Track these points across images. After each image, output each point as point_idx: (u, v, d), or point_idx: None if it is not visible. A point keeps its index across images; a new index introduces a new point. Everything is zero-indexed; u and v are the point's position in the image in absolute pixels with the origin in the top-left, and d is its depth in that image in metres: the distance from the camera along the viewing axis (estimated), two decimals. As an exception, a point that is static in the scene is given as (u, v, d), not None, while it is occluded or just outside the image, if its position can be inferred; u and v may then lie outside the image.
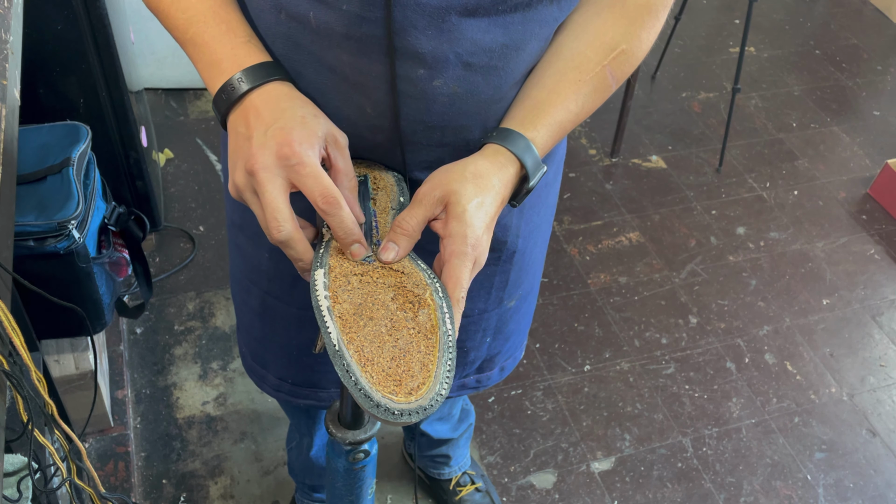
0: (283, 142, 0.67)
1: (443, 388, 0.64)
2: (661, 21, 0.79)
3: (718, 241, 2.35)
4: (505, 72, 0.75)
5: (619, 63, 0.77)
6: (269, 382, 1.10)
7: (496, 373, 1.16)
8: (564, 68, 0.76)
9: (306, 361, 1.05)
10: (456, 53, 0.72)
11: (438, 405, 0.63)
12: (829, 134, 2.77)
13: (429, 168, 0.82)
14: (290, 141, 0.67)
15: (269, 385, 1.11)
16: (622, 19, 0.77)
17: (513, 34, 0.72)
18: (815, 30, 3.25)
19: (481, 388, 1.17)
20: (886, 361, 2.09)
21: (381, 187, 0.80)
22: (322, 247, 0.72)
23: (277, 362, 1.08)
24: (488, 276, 1.00)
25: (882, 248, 2.38)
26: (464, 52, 0.72)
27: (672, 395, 1.96)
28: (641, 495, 1.77)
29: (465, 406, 1.56)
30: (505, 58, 0.74)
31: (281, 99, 0.71)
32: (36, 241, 1.30)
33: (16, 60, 0.91)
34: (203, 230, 2.18)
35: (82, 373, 1.52)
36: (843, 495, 1.80)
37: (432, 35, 0.70)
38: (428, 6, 0.68)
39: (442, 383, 0.64)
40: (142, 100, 2.10)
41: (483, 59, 0.73)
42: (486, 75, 0.75)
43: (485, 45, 0.72)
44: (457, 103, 0.76)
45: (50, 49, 1.60)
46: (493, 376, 1.16)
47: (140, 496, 1.66)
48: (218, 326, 1.97)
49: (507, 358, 1.16)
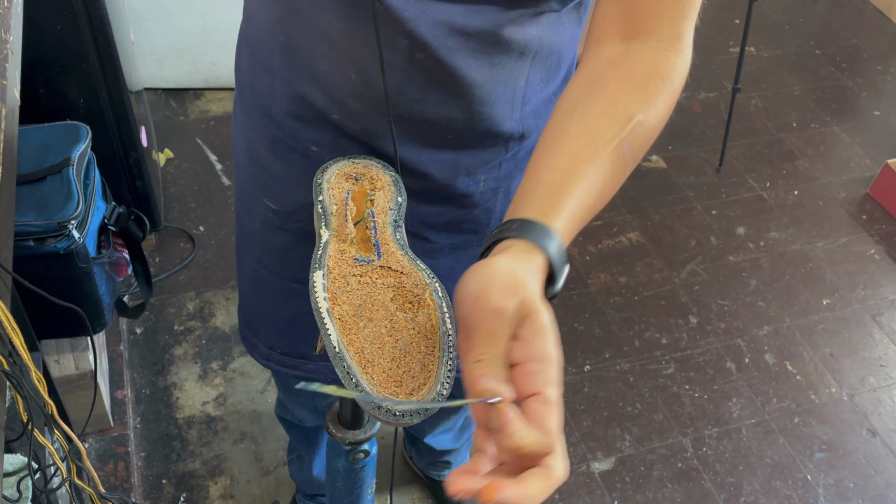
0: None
1: (444, 389, 0.63)
2: (674, 88, 0.71)
3: (718, 241, 2.35)
4: (485, 57, 0.76)
5: (636, 136, 0.68)
6: (260, 351, 1.11)
7: None
8: (576, 146, 0.67)
9: (294, 333, 1.05)
10: (434, 34, 0.73)
11: (439, 406, 0.63)
12: (830, 134, 2.77)
13: (415, 143, 0.83)
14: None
15: (260, 354, 1.11)
16: (633, 88, 0.70)
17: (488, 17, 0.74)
18: (816, 30, 3.25)
19: None
20: (886, 361, 2.09)
21: (378, 187, 0.80)
22: (320, 248, 0.72)
23: (268, 331, 1.08)
24: None
25: (882, 248, 2.38)
26: (443, 33, 0.73)
27: (672, 395, 1.96)
28: (641, 495, 1.77)
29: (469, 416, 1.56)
30: (484, 42, 0.75)
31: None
32: (36, 241, 1.30)
33: (16, 60, 0.91)
34: (203, 230, 2.18)
35: (82, 373, 1.52)
36: (844, 495, 1.80)
37: (415, 8, 0.72)
38: None
39: (443, 383, 0.64)
40: (142, 100, 2.10)
41: (460, 41, 0.74)
42: (466, 58, 0.76)
43: (461, 27, 0.74)
44: (437, 79, 0.77)
45: (50, 49, 1.60)
46: None
47: (140, 496, 1.66)
48: (218, 326, 1.97)
49: None
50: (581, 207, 0.64)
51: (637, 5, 0.73)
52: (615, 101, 0.69)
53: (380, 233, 0.75)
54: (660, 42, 0.72)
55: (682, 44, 0.73)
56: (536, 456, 0.51)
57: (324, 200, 0.78)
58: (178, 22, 2.38)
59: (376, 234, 0.75)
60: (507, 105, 0.84)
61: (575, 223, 0.64)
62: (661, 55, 0.72)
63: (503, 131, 0.86)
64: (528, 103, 0.86)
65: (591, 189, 0.65)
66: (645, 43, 0.72)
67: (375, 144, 0.85)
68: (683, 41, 0.73)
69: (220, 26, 2.38)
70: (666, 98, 0.71)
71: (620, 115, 0.68)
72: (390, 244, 0.74)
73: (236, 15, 1.00)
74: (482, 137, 0.85)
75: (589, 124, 0.68)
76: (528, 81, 0.83)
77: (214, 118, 2.50)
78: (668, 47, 0.72)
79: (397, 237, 0.75)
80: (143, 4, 2.32)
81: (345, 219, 0.75)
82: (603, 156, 0.66)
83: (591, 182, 0.65)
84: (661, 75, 0.71)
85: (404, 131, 0.83)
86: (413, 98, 0.79)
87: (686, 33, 0.73)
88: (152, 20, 2.36)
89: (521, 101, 0.85)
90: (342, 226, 0.75)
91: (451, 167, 0.87)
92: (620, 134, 0.67)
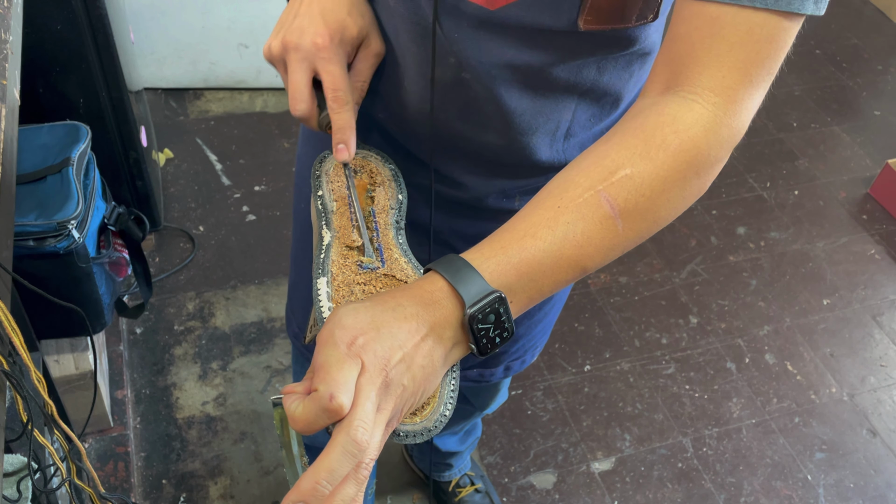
0: (320, 33, 0.75)
1: (447, 409, 0.62)
2: (692, 143, 0.62)
3: (719, 240, 2.35)
4: (529, 89, 0.76)
5: (620, 189, 0.61)
6: (291, 329, 1.16)
7: (500, 370, 1.16)
8: (545, 196, 0.63)
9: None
10: (480, 60, 0.74)
11: (442, 426, 0.61)
12: (830, 134, 2.77)
13: (453, 158, 0.85)
14: (325, 34, 0.75)
15: (290, 332, 1.17)
16: (633, 140, 0.63)
17: (540, 56, 0.73)
18: (816, 30, 3.25)
19: (483, 383, 1.16)
20: (887, 361, 2.09)
21: (378, 182, 0.79)
22: (322, 251, 0.70)
23: (300, 313, 1.12)
24: None
25: (882, 248, 2.38)
26: (489, 61, 0.74)
27: (672, 395, 1.96)
28: (641, 495, 1.77)
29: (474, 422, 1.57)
30: (531, 76, 0.75)
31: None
32: (36, 241, 1.30)
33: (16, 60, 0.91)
34: (203, 230, 2.18)
35: (82, 373, 1.52)
36: (844, 495, 1.80)
37: (465, 32, 0.73)
38: (465, 14, 0.71)
39: (446, 404, 0.62)
40: (142, 100, 2.10)
41: (506, 73, 0.74)
42: (510, 87, 0.76)
43: (508, 59, 0.73)
44: (479, 100, 0.78)
45: (50, 49, 1.60)
46: (497, 373, 1.16)
47: (140, 496, 1.66)
48: (218, 326, 1.97)
49: (515, 359, 1.16)
50: (524, 248, 0.60)
51: (683, 51, 0.63)
52: (607, 153, 0.63)
53: (382, 236, 0.73)
54: (696, 95, 0.62)
55: (727, 98, 0.62)
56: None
57: (323, 196, 0.76)
58: (178, 22, 2.38)
59: (378, 236, 0.73)
60: (547, 136, 0.81)
61: (513, 263, 0.60)
62: (686, 108, 0.62)
63: (542, 161, 0.84)
64: (572, 136, 0.83)
65: (542, 233, 0.61)
66: (678, 94, 0.63)
67: (415, 150, 0.87)
68: (730, 96, 0.62)
69: (220, 26, 2.38)
70: (672, 153, 0.62)
71: (606, 166, 0.62)
72: (393, 249, 0.72)
73: (236, 14, 1.01)
74: (519, 164, 0.84)
75: (570, 175, 0.63)
76: (574, 116, 0.81)
77: (214, 118, 2.50)
78: (702, 100, 0.62)
79: (399, 241, 0.73)
80: (143, 4, 2.32)
81: (350, 222, 0.74)
82: (569, 206, 0.61)
83: (543, 227, 0.61)
84: (676, 128, 0.62)
85: (444, 146, 0.84)
86: (454, 116, 0.80)
87: (737, 88, 0.62)
88: (152, 20, 2.36)
89: (565, 134, 0.82)
90: (345, 228, 0.73)
91: (486, 184, 0.88)
92: (598, 185, 0.61)
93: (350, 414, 0.53)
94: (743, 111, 0.63)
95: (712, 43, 0.61)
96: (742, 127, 0.64)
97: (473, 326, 0.59)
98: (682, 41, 0.63)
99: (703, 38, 0.62)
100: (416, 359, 0.57)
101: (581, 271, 0.63)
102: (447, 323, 0.59)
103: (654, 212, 0.63)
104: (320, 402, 0.53)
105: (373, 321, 0.56)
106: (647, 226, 0.64)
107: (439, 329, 0.58)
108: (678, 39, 0.64)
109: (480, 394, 1.34)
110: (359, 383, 0.54)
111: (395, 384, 0.56)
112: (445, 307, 0.59)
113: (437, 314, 0.58)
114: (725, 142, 0.63)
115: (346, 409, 0.53)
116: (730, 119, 0.62)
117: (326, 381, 0.53)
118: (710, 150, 0.63)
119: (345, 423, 0.53)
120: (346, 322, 0.56)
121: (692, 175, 0.63)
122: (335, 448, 0.52)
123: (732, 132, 0.63)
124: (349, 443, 0.52)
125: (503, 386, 1.34)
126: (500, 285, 0.60)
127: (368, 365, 0.54)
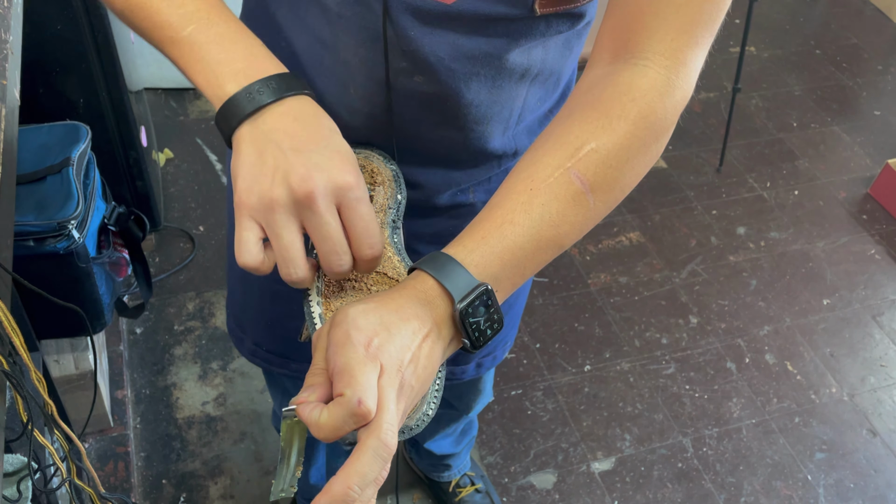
0: (344, 168, 0.60)
1: (429, 409, 0.62)
2: (650, 109, 0.64)
3: (719, 241, 2.35)
4: (487, 79, 0.75)
5: (588, 164, 0.62)
6: (247, 346, 1.11)
7: (472, 367, 1.15)
8: (514, 180, 0.63)
9: (279, 333, 1.05)
10: (438, 56, 0.72)
11: (424, 425, 0.62)
12: (830, 134, 2.77)
13: (408, 159, 0.82)
14: (350, 169, 0.60)
15: (246, 349, 1.11)
16: (593, 113, 0.63)
17: (496, 44, 0.72)
18: (816, 30, 3.25)
19: (455, 381, 1.15)
20: (887, 361, 2.09)
21: (379, 182, 0.78)
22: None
23: (254, 328, 1.08)
24: None
25: (882, 248, 2.38)
26: (447, 55, 0.72)
27: (672, 395, 1.96)
28: (642, 495, 1.77)
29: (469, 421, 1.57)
30: (488, 66, 0.74)
31: (320, 117, 0.64)
32: (36, 241, 1.30)
33: (16, 60, 0.91)
34: (203, 230, 2.18)
35: (82, 373, 1.52)
36: (844, 495, 1.80)
37: (421, 30, 0.70)
38: (421, 11, 0.69)
39: (429, 403, 0.62)
40: (142, 100, 2.10)
41: (464, 65, 0.73)
42: (468, 80, 0.75)
43: (466, 51, 0.72)
44: (434, 102, 0.76)
45: (50, 49, 1.60)
46: (469, 370, 1.15)
47: (140, 496, 1.66)
48: (218, 326, 1.97)
49: (486, 355, 1.15)
50: (505, 236, 0.61)
51: (629, 18, 0.65)
52: (570, 129, 0.63)
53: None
54: (647, 60, 0.64)
55: (677, 61, 0.64)
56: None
57: None
58: (178, 22, 2.38)
59: None
60: (502, 124, 0.82)
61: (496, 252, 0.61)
62: (640, 74, 0.64)
63: (496, 149, 0.85)
64: (522, 121, 0.85)
65: (518, 219, 0.61)
66: (629, 62, 0.64)
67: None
68: (679, 58, 0.64)
69: (220, 26, 2.37)
70: (633, 121, 0.63)
71: (571, 143, 0.63)
72: (387, 248, 0.72)
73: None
74: (475, 154, 0.85)
75: (535, 157, 0.64)
76: (525, 101, 0.82)
77: (214, 118, 2.50)
78: (654, 65, 0.63)
79: (395, 240, 0.73)
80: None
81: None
82: (540, 187, 0.62)
83: (519, 212, 0.61)
84: (633, 96, 0.63)
85: (399, 148, 0.82)
86: (408, 118, 0.78)
87: (685, 50, 0.64)
88: (152, 20, 2.36)
89: (517, 119, 0.84)
90: None
91: (442, 181, 0.87)
92: (566, 163, 0.62)
93: (377, 417, 0.53)
94: (691, 73, 0.65)
95: (659, 7, 0.63)
96: (690, 88, 0.66)
97: (465, 321, 0.59)
98: (629, 7, 0.65)
99: (650, 3, 0.63)
100: (421, 359, 0.57)
101: (559, 249, 0.65)
102: (443, 321, 0.59)
103: (621, 181, 0.65)
104: (349, 406, 0.53)
105: (382, 322, 0.56)
106: (616, 196, 0.66)
107: (438, 327, 0.59)
108: (624, 6, 0.65)
109: (462, 396, 1.33)
110: (380, 385, 0.54)
111: (407, 385, 0.56)
112: (439, 305, 0.59)
113: (435, 313, 0.59)
114: (678, 104, 0.65)
115: (373, 413, 0.53)
116: (681, 81, 0.65)
117: (352, 386, 0.53)
118: (667, 114, 0.65)
119: (373, 427, 0.53)
120: (361, 323, 0.56)
121: (652, 140, 0.65)
122: (366, 452, 0.52)
123: (684, 94, 0.65)
124: (381, 447, 0.52)
125: (485, 386, 1.33)
126: (486, 276, 0.60)
127: (387, 366, 0.55)
